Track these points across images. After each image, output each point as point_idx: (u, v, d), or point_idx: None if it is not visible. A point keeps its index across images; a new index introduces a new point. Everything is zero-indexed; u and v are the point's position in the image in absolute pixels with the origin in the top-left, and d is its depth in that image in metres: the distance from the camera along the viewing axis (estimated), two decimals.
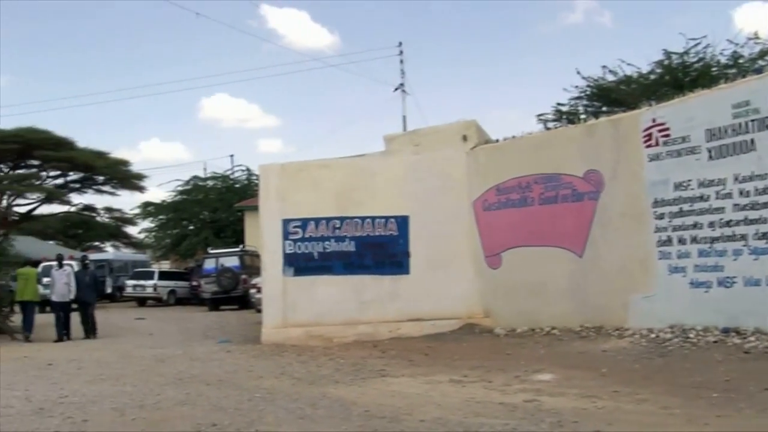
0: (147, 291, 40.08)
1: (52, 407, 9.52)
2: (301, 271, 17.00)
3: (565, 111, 32.77)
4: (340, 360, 13.59)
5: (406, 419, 8.22)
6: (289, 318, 16.81)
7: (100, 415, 8.93)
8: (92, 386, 11.20)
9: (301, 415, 8.61)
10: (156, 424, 8.36)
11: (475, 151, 16.95)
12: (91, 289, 21.43)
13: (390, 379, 11.25)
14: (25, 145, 51.78)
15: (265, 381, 11.41)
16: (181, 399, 9.91)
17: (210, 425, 8.14)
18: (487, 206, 16.52)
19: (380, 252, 16.96)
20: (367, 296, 16.71)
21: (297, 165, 18.02)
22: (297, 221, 17.10)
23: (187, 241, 47.88)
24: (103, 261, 45.12)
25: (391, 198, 16.97)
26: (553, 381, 10.48)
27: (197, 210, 49.62)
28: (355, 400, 9.48)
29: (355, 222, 17.00)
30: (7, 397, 10.34)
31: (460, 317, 16.27)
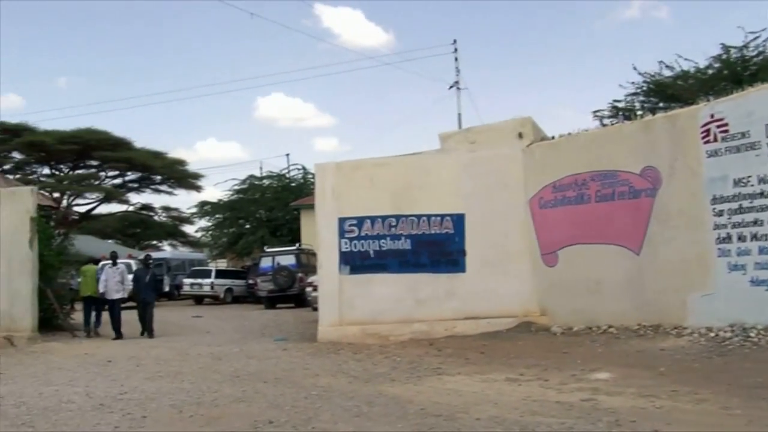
0: (204, 289, 40.39)
1: (111, 403, 9.66)
2: (357, 270, 17.04)
3: (621, 107, 32.55)
4: (396, 358, 13.61)
5: (461, 417, 8.22)
6: (346, 316, 16.86)
7: (158, 412, 9.05)
8: (151, 383, 11.35)
9: (357, 413, 8.65)
10: (213, 421, 8.45)
11: (531, 148, 16.85)
12: (150, 288, 21.48)
13: (446, 378, 11.24)
14: (85, 145, 52.88)
15: (322, 379, 11.46)
16: (238, 396, 10.01)
17: (266, 422, 8.21)
18: (543, 204, 16.41)
19: (436, 250, 16.92)
20: (423, 294, 16.69)
21: (352, 163, 18.07)
22: (353, 219, 17.14)
23: (244, 239, 48.18)
24: (160, 260, 45.51)
25: (446, 196, 16.93)
26: (610, 380, 10.39)
27: (253, 209, 49.92)
28: (411, 399, 9.49)
29: (411, 220, 16.99)
30: (68, 393, 10.52)
31: (516, 315, 16.18)
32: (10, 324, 18.06)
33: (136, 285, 21.40)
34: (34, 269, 18.48)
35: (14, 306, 18.15)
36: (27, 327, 18.12)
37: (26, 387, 11.29)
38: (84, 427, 8.30)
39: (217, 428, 8.12)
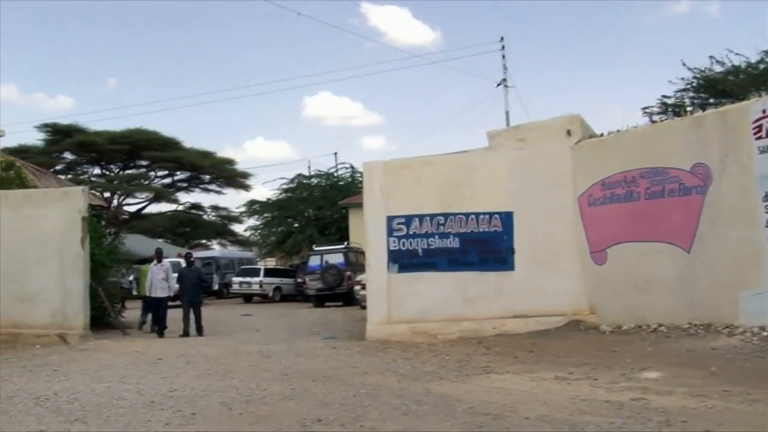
0: (253, 288, 40.63)
1: (162, 400, 9.76)
2: (406, 268, 17.04)
3: (670, 103, 32.26)
4: (445, 356, 13.60)
5: (510, 416, 8.20)
6: (394, 314, 16.88)
7: (208, 409, 9.13)
8: (201, 381, 11.45)
9: (405, 411, 8.66)
10: (262, 419, 8.50)
11: (580, 145, 16.75)
12: (195, 287, 21.36)
13: (494, 376, 11.22)
14: (134, 145, 53.46)
15: (370, 377, 11.48)
16: (287, 394, 10.06)
17: (315, 420, 8.24)
18: (593, 201, 16.30)
19: (484, 248, 16.87)
20: (472, 293, 16.66)
21: (400, 162, 18.08)
22: (401, 218, 17.14)
23: (292, 238, 48.36)
24: (209, 258, 45.94)
25: (494, 194, 16.88)
26: (660, 379, 10.31)
27: (302, 208, 50.08)
28: (460, 397, 9.48)
29: (459, 218, 16.96)
30: (120, 390, 10.65)
31: (565, 314, 16.10)
32: (63, 322, 18.29)
33: (181, 284, 21.39)
34: (85, 268, 18.68)
35: (67, 304, 18.36)
36: (79, 325, 18.33)
37: (79, 384, 11.44)
38: (135, 423, 8.39)
39: (266, 426, 8.17)
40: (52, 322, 18.26)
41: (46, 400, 10.05)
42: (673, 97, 32.68)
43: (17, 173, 22.75)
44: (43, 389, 10.94)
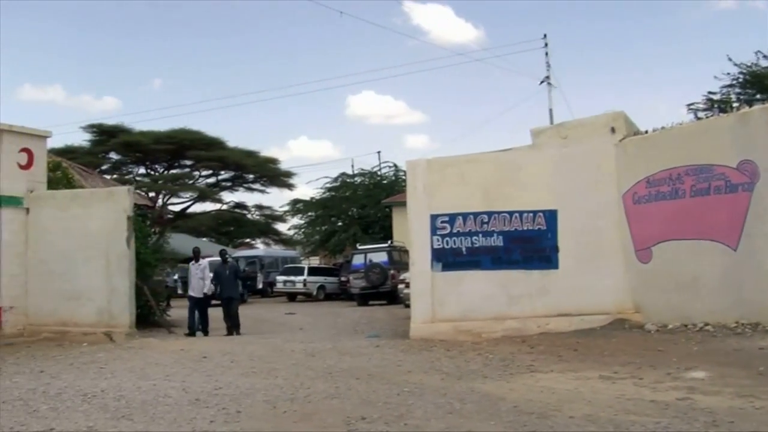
0: (297, 286, 40.80)
1: (207, 398, 9.84)
2: (450, 266, 17.02)
3: (716, 99, 31.96)
4: (489, 355, 13.57)
5: (555, 415, 8.18)
6: (438, 313, 16.86)
7: (252, 407, 9.19)
8: (245, 379, 11.51)
9: (449, 410, 8.66)
10: (306, 417, 8.54)
11: (624, 143, 16.61)
12: (232, 284, 21.42)
13: (539, 375, 11.18)
14: (179, 145, 53.95)
15: (414, 376, 11.49)
16: (331, 392, 10.09)
17: (359, 419, 8.27)
18: (637, 199, 16.17)
19: (528, 246, 16.80)
20: (516, 291, 16.60)
21: (443, 160, 18.05)
22: (445, 216, 17.12)
23: (336, 237, 48.55)
24: (253, 257, 46.20)
25: (538, 192, 16.81)
26: (706, 379, 10.20)
27: (345, 206, 50.26)
28: (504, 396, 9.47)
29: (503, 217, 16.90)
30: (165, 388, 10.75)
31: (610, 312, 15.98)
32: (109, 320, 18.49)
33: (218, 282, 21.40)
34: (131, 267, 18.88)
35: (113, 303, 18.56)
36: (125, 323, 18.53)
37: (125, 381, 11.56)
38: (180, 421, 8.47)
39: (311, 424, 8.21)
40: (98, 320, 18.47)
41: (93, 397, 10.18)
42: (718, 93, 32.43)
43: (64, 173, 23.01)
44: (90, 386, 11.07)
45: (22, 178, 19.68)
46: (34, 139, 20.27)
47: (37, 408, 9.45)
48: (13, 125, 19.71)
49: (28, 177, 19.85)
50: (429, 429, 7.80)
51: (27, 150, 19.85)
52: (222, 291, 21.36)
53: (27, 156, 19.84)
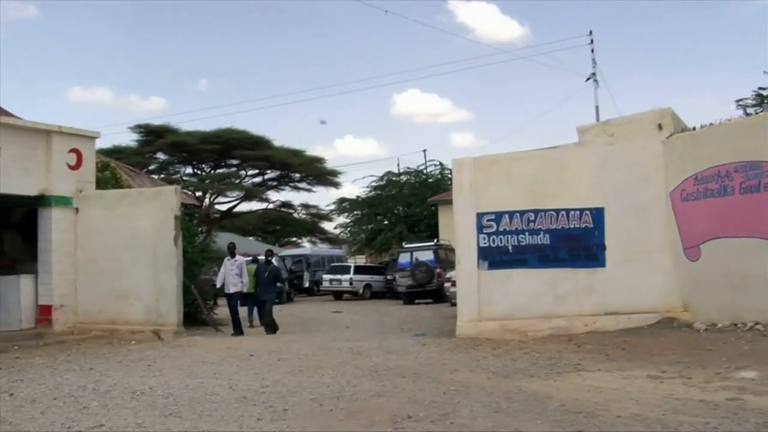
0: (343, 285, 40.88)
1: (254, 396, 9.91)
2: (496, 265, 16.97)
3: (766, 95, 31.53)
4: (535, 354, 13.53)
5: (602, 415, 8.14)
6: (484, 311, 16.83)
7: (299, 405, 9.24)
8: (292, 377, 11.58)
9: (496, 409, 8.66)
10: (353, 415, 8.58)
11: (671, 139, 16.45)
12: (270, 286, 21.18)
13: (586, 374, 11.13)
14: (225, 145, 54.27)
15: (460, 374, 11.49)
16: (377, 391, 10.12)
17: (405, 417, 8.28)
18: (685, 196, 16.00)
19: (575, 245, 16.72)
20: (562, 289, 16.53)
21: (489, 158, 18.02)
22: (491, 214, 17.08)
23: (382, 235, 48.57)
24: (300, 256, 46.36)
25: (585, 190, 16.71)
26: (757, 379, 10.08)
27: (391, 205, 50.27)
28: (551, 395, 9.44)
29: (550, 214, 16.82)
30: (212, 386, 10.85)
31: (658, 311, 15.86)
32: (157, 318, 18.66)
33: (256, 281, 21.42)
34: (178, 266, 19.04)
35: (160, 301, 18.73)
36: (173, 321, 18.69)
37: (173, 379, 11.69)
38: (227, 418, 8.54)
39: (357, 422, 8.24)
40: (146, 318, 18.66)
41: (142, 394, 10.31)
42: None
43: (112, 173, 23.26)
44: (138, 384, 11.21)
45: (71, 179, 19.95)
46: (83, 140, 20.54)
47: (87, 405, 9.60)
48: (62, 126, 19.98)
49: (77, 177, 20.11)
50: (475, 428, 7.79)
51: (76, 150, 20.11)
52: (258, 292, 21.44)
53: (76, 156, 20.10)
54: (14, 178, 18.78)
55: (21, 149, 19.05)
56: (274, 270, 21.64)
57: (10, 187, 18.74)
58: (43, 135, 19.61)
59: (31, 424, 8.47)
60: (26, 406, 9.60)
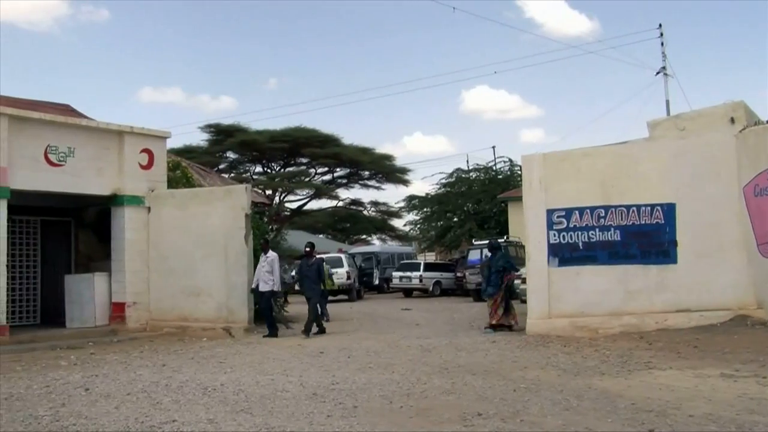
0: (413, 282, 40.80)
1: (324, 393, 10.03)
2: (566, 262, 16.89)
3: None
4: (606, 351, 13.46)
5: (674, 414, 8.08)
6: (554, 308, 16.77)
7: (369, 402, 9.33)
8: (362, 374, 11.69)
9: (566, 407, 8.64)
10: (422, 413, 8.63)
11: (744, 133, 16.18)
12: (312, 281, 19.50)
13: (657, 372, 11.04)
14: (294, 143, 54.62)
15: (530, 371, 11.48)
16: (447, 388, 10.16)
17: (475, 414, 8.31)
18: (759, 191, 15.72)
19: (646, 241, 16.54)
20: (633, 286, 16.37)
21: (559, 154, 17.94)
22: (561, 211, 17.01)
23: (452, 232, 48.41)
24: (370, 253, 46.41)
25: (655, 185, 16.54)
26: None
27: (461, 202, 50.09)
28: (621, 393, 9.40)
29: (620, 211, 16.68)
30: (283, 382, 11.01)
31: (731, 308, 15.63)
32: (228, 316, 18.89)
33: (299, 277, 20.39)
34: (249, 264, 19.28)
35: (231, 299, 18.95)
36: (243, 319, 18.96)
37: (244, 375, 11.88)
38: (298, 415, 8.63)
39: (427, 420, 8.28)
40: (217, 315, 18.90)
41: (213, 390, 10.49)
42: None
43: (183, 173, 23.57)
44: (210, 380, 11.42)
45: (143, 178, 20.34)
46: (154, 140, 20.91)
47: (160, 400, 9.81)
48: (134, 127, 20.37)
49: (148, 177, 20.50)
50: (545, 426, 7.79)
51: (147, 150, 20.49)
52: (302, 288, 20.30)
53: (147, 156, 20.48)
54: (88, 178, 19.23)
55: (94, 150, 19.48)
56: (314, 265, 19.79)
57: (85, 187, 19.20)
58: (116, 136, 20.02)
59: (106, 418, 8.67)
60: (101, 401, 9.84)
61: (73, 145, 18.94)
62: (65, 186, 18.83)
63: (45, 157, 18.41)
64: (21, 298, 21.05)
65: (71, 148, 18.88)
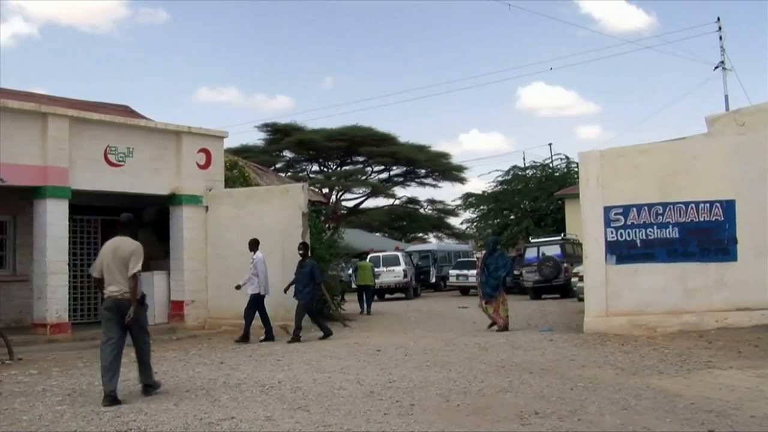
0: (470, 280, 40.62)
1: (381, 391, 10.04)
2: (624, 259, 16.72)
3: None
4: (664, 350, 13.32)
5: (734, 414, 7.97)
6: (612, 307, 16.61)
7: (426, 400, 9.32)
8: (419, 372, 11.68)
9: (624, 406, 8.57)
10: (479, 411, 8.61)
11: None
12: (301, 284, 18.05)
13: (717, 372, 10.90)
14: (351, 142, 54.91)
15: (588, 370, 11.41)
16: (504, 386, 10.13)
17: (532, 413, 8.28)
18: None
19: (705, 238, 16.31)
20: (692, 284, 16.16)
21: (616, 151, 17.78)
22: (618, 208, 16.84)
23: (509, 230, 48.36)
24: (426, 251, 46.38)
25: (714, 182, 16.29)
26: None
27: (517, 200, 50.03)
28: (680, 392, 9.29)
29: (679, 208, 16.48)
30: (340, 380, 11.05)
31: None
32: (285, 314, 18.88)
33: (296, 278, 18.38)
34: None
35: (288, 297, 18.99)
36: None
37: (301, 373, 11.95)
38: (355, 413, 8.65)
39: (484, 418, 8.26)
40: (274, 314, 18.91)
41: (271, 388, 10.57)
42: None
43: (240, 172, 23.77)
44: (267, 378, 11.51)
45: (200, 178, 20.60)
46: (212, 140, 21.16)
47: (218, 397, 9.91)
48: (191, 127, 20.63)
49: (206, 176, 20.75)
50: (603, 425, 7.73)
51: (205, 150, 20.74)
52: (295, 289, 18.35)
53: (205, 156, 20.73)
54: (147, 178, 19.54)
55: (153, 150, 19.79)
56: (309, 266, 18.24)
57: (143, 186, 19.52)
58: (174, 136, 20.30)
59: (165, 415, 8.78)
60: (160, 398, 10.00)
61: (132, 145, 19.24)
62: (124, 186, 19.16)
63: (105, 158, 18.74)
64: (82, 296, 21.46)
65: (130, 148, 19.18)
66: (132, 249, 10.25)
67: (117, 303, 10.02)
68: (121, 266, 10.07)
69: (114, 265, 10.11)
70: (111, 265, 10.13)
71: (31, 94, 22.49)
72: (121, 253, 10.18)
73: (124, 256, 10.13)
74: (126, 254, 10.15)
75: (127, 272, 10.02)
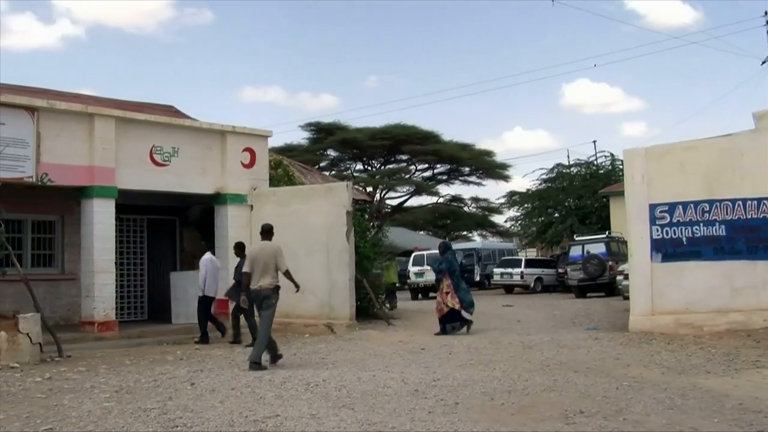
0: (514, 278, 40.53)
1: (425, 389, 10.03)
2: (669, 257, 16.56)
3: None
4: (711, 349, 13.21)
5: None
6: (657, 305, 16.46)
7: (470, 399, 9.31)
8: (463, 371, 11.67)
9: (670, 405, 8.51)
10: (524, 410, 8.58)
11: None
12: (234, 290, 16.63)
13: (765, 371, 10.78)
14: (394, 140, 55.05)
15: (633, 369, 11.35)
16: (549, 385, 10.09)
17: (577, 412, 8.24)
18: None
19: (753, 236, 16.09)
20: (739, 283, 15.95)
21: (662, 148, 17.61)
22: (664, 206, 16.69)
23: (553, 228, 48.14)
24: (471, 250, 46.27)
25: (762, 179, 16.05)
26: None
27: (562, 197, 49.73)
28: (728, 392, 9.20)
29: (725, 205, 16.28)
30: (385, 379, 11.04)
31: None
32: (329, 312, 19.03)
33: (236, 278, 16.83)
34: (351, 261, 19.38)
35: (333, 296, 19.09)
36: (345, 315, 19.08)
37: (346, 372, 11.97)
38: (399, 411, 8.66)
39: (529, 417, 8.23)
40: (319, 312, 19.03)
41: (316, 386, 10.59)
42: None
43: (285, 171, 23.90)
44: (312, 376, 11.53)
45: (245, 177, 20.71)
46: (256, 139, 21.27)
47: (264, 395, 9.95)
48: (236, 126, 20.77)
49: (250, 175, 20.86)
50: (649, 424, 7.68)
51: (249, 149, 20.85)
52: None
53: (249, 155, 20.85)
54: (192, 178, 19.68)
55: (198, 150, 19.93)
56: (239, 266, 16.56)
57: (189, 186, 19.67)
58: (218, 135, 20.44)
59: (211, 412, 8.84)
60: (206, 395, 10.04)
61: (178, 145, 19.40)
62: (170, 185, 19.33)
63: (150, 157, 18.92)
64: (129, 294, 21.74)
65: (175, 148, 19.35)
66: (275, 250, 13.21)
67: (260, 293, 13.08)
68: (269, 264, 13.00)
69: (262, 264, 12.99)
70: (266, 263, 13.01)
71: (78, 95, 22.78)
72: (268, 252, 13.14)
73: (271, 255, 13.08)
74: (271, 255, 13.09)
75: (274, 269, 13.08)
